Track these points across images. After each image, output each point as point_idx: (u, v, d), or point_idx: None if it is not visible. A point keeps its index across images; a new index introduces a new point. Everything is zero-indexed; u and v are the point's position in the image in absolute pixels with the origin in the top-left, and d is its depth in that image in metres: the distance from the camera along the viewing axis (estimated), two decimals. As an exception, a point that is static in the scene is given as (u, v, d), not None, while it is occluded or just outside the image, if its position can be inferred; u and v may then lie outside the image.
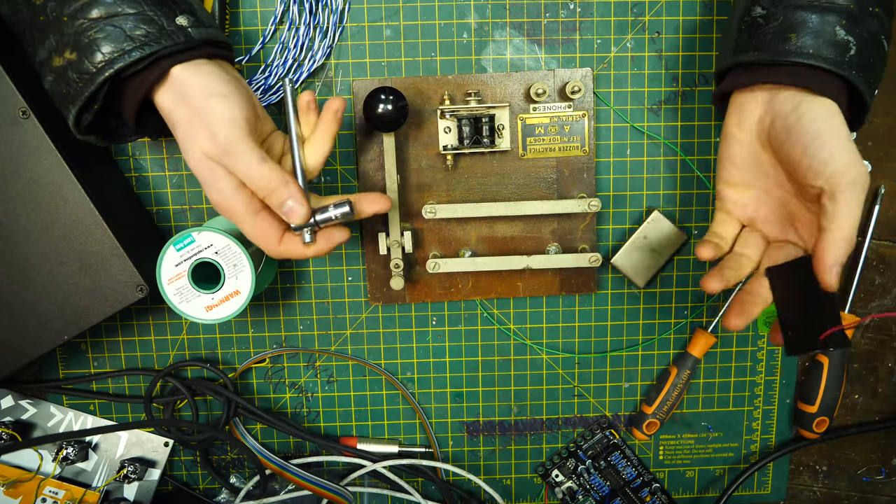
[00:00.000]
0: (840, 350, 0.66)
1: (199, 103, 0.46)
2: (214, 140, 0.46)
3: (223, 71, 0.49)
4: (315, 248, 0.51)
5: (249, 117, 0.48)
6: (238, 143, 0.46)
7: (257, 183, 0.47)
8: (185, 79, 0.47)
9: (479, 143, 0.60)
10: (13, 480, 0.65)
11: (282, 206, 0.48)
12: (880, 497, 0.72)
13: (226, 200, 0.48)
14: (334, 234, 0.51)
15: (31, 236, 0.55)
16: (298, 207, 0.48)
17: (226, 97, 0.47)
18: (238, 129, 0.46)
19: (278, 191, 0.47)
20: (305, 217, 0.48)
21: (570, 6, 0.61)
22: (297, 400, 0.68)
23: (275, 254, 0.50)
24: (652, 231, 0.64)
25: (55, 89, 0.47)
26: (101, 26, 0.45)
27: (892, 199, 0.66)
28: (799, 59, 0.48)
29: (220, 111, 0.46)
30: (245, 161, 0.46)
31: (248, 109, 0.48)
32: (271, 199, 0.48)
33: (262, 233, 0.49)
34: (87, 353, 0.66)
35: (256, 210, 0.48)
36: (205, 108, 0.46)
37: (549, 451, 0.70)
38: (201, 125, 0.46)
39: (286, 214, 0.48)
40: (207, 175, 0.47)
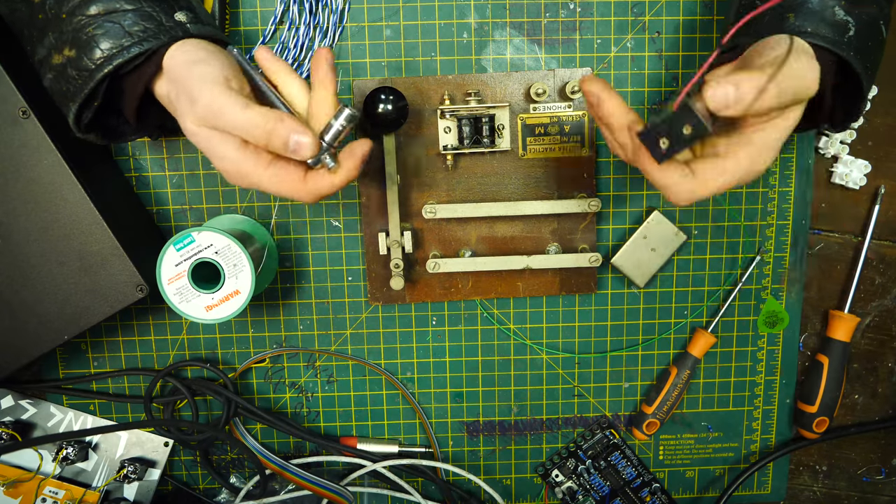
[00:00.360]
0: (840, 350, 0.66)
1: (180, 74, 0.45)
2: (197, 105, 0.44)
3: (206, 42, 0.47)
4: (343, 170, 0.47)
5: (228, 75, 0.45)
6: (218, 98, 0.43)
7: (251, 130, 0.44)
8: (172, 58, 0.46)
9: (479, 143, 0.60)
10: (13, 480, 0.65)
11: (286, 145, 0.44)
12: (880, 497, 0.72)
13: (233, 164, 0.45)
14: (355, 148, 0.47)
15: (31, 236, 0.55)
16: (304, 138, 0.44)
17: (203, 61, 0.45)
18: (216, 86, 0.44)
19: (276, 130, 0.44)
20: (314, 145, 0.44)
21: (570, 6, 0.61)
22: (297, 400, 0.68)
23: (307, 197, 0.47)
24: (652, 231, 0.64)
25: (55, 87, 0.47)
26: (100, 23, 0.45)
27: (892, 199, 0.66)
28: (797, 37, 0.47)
29: (198, 75, 0.44)
30: (230, 113, 0.43)
31: (227, 68, 0.46)
32: (273, 143, 0.44)
33: (283, 181, 0.46)
34: (87, 353, 0.66)
35: (267, 162, 0.45)
36: (185, 77, 0.45)
37: (549, 451, 0.70)
38: (184, 95, 0.45)
39: (294, 152, 0.44)
40: (206, 145, 0.45)
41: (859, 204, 0.66)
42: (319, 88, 0.48)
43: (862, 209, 0.66)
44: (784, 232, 0.66)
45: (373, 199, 0.63)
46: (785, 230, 0.66)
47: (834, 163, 0.65)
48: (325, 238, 0.65)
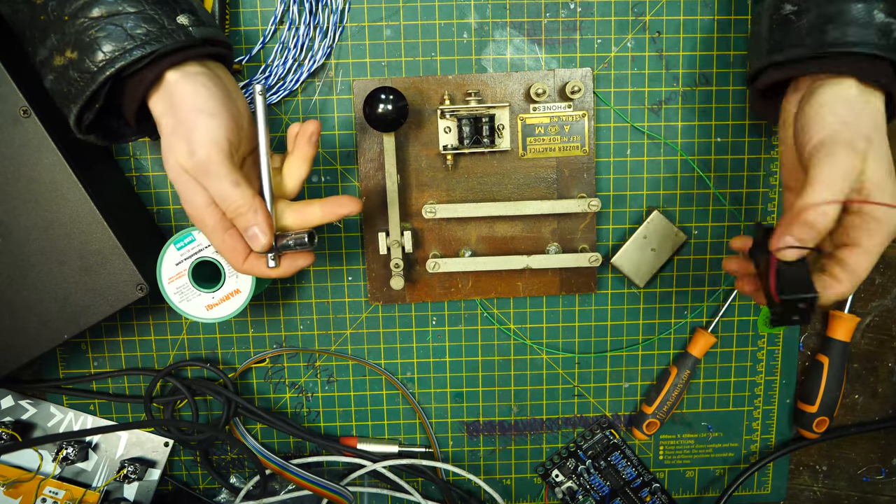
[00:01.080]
0: (840, 350, 0.66)
1: (185, 117, 0.47)
2: (193, 157, 0.46)
3: (217, 82, 0.48)
4: (279, 270, 0.52)
5: (232, 138, 0.48)
6: (215, 165, 0.47)
7: (227, 206, 0.48)
8: (178, 87, 0.47)
9: (479, 143, 0.60)
10: (13, 480, 0.65)
11: (246, 230, 0.49)
12: (880, 497, 0.72)
13: (197, 213, 0.48)
14: (298, 259, 0.52)
15: (32, 235, 0.55)
16: (261, 236, 0.49)
17: (213, 116, 0.47)
18: (217, 151, 0.47)
19: (246, 216, 0.48)
20: (266, 247, 0.50)
21: (570, 6, 0.62)
22: (297, 400, 0.68)
23: (240, 270, 0.52)
24: (652, 231, 0.64)
25: (56, 88, 0.47)
26: (103, 25, 0.45)
27: (892, 199, 0.66)
28: (841, 48, 0.46)
29: (204, 129, 0.46)
30: (218, 182, 0.47)
31: (233, 130, 0.48)
32: (238, 222, 0.49)
33: (230, 249, 0.50)
34: (87, 352, 0.66)
35: (226, 227, 0.49)
36: (190, 123, 0.46)
37: (549, 451, 0.70)
38: (183, 139, 0.46)
39: (249, 239, 0.49)
40: (182, 187, 0.48)
41: (859, 204, 0.66)
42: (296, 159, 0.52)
43: (862, 209, 0.66)
44: (784, 232, 0.66)
45: (373, 198, 0.63)
46: (785, 230, 0.66)
47: (834, 163, 0.65)
48: (325, 238, 0.65)
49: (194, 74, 0.48)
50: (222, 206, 0.48)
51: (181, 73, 0.47)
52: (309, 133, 0.52)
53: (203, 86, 0.47)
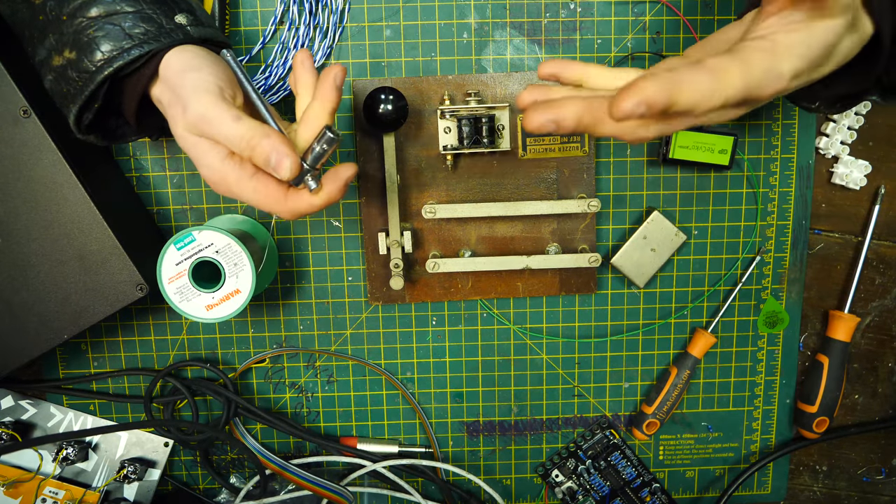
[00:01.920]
0: (840, 350, 0.66)
1: (174, 81, 0.45)
2: (188, 111, 0.44)
3: (203, 50, 0.47)
4: (324, 192, 0.47)
5: (222, 84, 0.45)
6: (210, 108, 0.44)
7: (236, 142, 0.44)
8: (168, 64, 0.46)
9: (479, 144, 0.60)
10: (13, 480, 0.65)
11: (268, 161, 0.44)
12: (880, 497, 0.72)
13: (217, 173, 0.45)
14: (340, 171, 0.47)
15: (32, 236, 0.55)
16: (285, 158, 0.43)
17: (197, 69, 0.45)
18: (209, 96, 0.44)
19: (260, 145, 0.43)
20: (294, 167, 0.44)
21: (570, 6, 0.62)
22: (297, 400, 0.68)
23: (286, 214, 0.47)
24: (652, 231, 0.64)
25: (55, 88, 0.47)
26: (101, 25, 0.45)
27: (892, 199, 0.66)
28: None
29: (191, 82, 0.45)
30: (220, 124, 0.44)
31: (221, 77, 0.46)
32: (256, 157, 0.44)
33: (265, 195, 0.46)
34: (87, 352, 0.66)
35: (250, 174, 0.45)
36: (179, 84, 0.45)
37: (549, 451, 0.70)
38: (178, 102, 0.45)
39: (274, 169, 0.44)
40: (194, 151, 0.45)
41: (859, 204, 0.66)
42: (318, 102, 0.47)
43: (862, 209, 0.66)
44: (784, 232, 0.66)
45: (373, 199, 0.63)
46: (785, 230, 0.66)
47: (834, 163, 0.65)
48: (325, 238, 0.65)
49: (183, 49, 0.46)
50: (232, 146, 0.44)
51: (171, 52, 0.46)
52: (332, 76, 0.46)
53: (190, 52, 0.46)
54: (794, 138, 0.64)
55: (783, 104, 0.63)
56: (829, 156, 0.65)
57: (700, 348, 0.66)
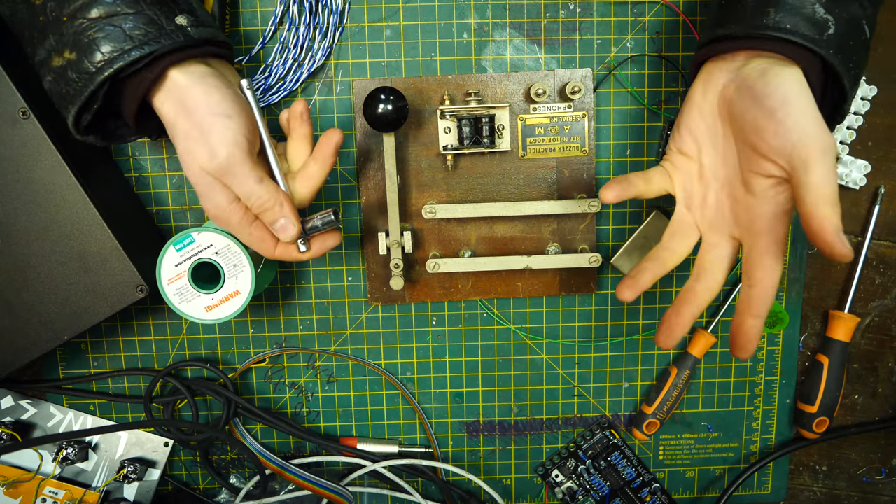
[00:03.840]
0: (840, 350, 0.66)
1: (202, 120, 0.47)
2: (215, 159, 0.47)
3: (225, 82, 0.49)
4: (311, 253, 0.54)
5: (250, 137, 0.49)
6: (238, 165, 0.48)
7: (254, 202, 0.49)
8: (190, 91, 0.47)
9: (479, 144, 0.60)
10: (13, 480, 0.65)
11: (274, 223, 0.51)
12: (880, 497, 0.72)
13: (222, 213, 0.50)
14: (327, 240, 0.54)
15: (31, 236, 0.55)
16: (290, 227, 0.51)
17: (230, 117, 0.47)
18: (239, 151, 0.47)
19: (273, 210, 0.50)
20: (296, 236, 0.51)
21: (570, 6, 0.61)
22: (297, 400, 0.68)
23: (272, 257, 0.53)
24: (652, 231, 0.64)
25: (55, 89, 0.47)
26: (101, 26, 0.45)
27: (892, 199, 0.66)
28: (775, 32, 0.46)
29: (224, 132, 0.47)
30: (243, 181, 0.48)
31: (249, 128, 0.49)
32: (264, 217, 0.51)
33: (258, 240, 0.52)
34: (87, 353, 0.66)
35: (251, 221, 0.51)
36: (207, 126, 0.47)
37: (549, 451, 0.70)
38: (202, 142, 0.47)
39: (277, 231, 0.51)
40: (204, 189, 0.49)
41: (859, 204, 0.66)
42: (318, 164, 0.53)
43: (862, 209, 0.66)
44: (784, 232, 0.66)
45: (373, 199, 0.63)
46: (785, 230, 0.66)
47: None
48: (325, 238, 0.65)
49: (202, 76, 0.48)
50: (248, 202, 0.49)
51: (187, 74, 0.47)
52: (298, 112, 0.53)
53: (215, 88, 0.48)
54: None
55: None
56: (829, 156, 0.64)
57: (700, 348, 0.66)
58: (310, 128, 0.54)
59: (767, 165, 0.46)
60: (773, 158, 0.45)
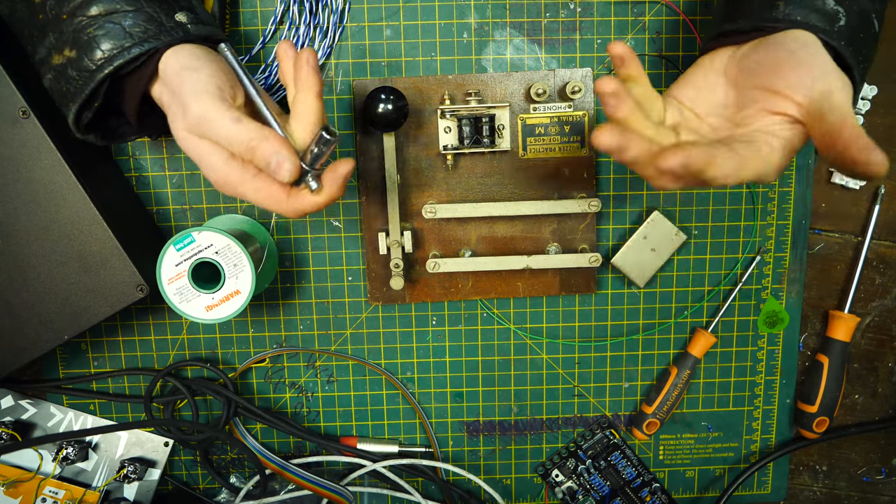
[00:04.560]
0: (840, 350, 0.66)
1: (173, 81, 0.45)
2: (189, 112, 0.44)
3: (203, 50, 0.47)
4: (325, 191, 0.47)
5: (221, 84, 0.46)
6: (209, 109, 0.44)
7: (236, 145, 0.44)
8: (166, 63, 0.46)
9: (479, 143, 0.60)
10: (13, 480, 0.65)
11: (268, 163, 0.44)
12: (880, 497, 0.72)
13: (220, 174, 0.45)
14: (338, 168, 0.47)
15: (31, 236, 0.55)
16: (284, 161, 0.44)
17: (196, 69, 0.45)
18: (208, 97, 0.44)
19: (260, 147, 0.44)
20: (294, 170, 0.45)
21: (570, 6, 0.61)
22: (297, 400, 0.68)
23: (290, 213, 0.47)
24: (652, 231, 0.64)
25: (55, 87, 0.47)
26: (101, 23, 0.45)
27: (892, 199, 0.66)
28: (786, 24, 0.46)
29: (190, 83, 0.45)
30: (220, 126, 0.44)
31: (220, 77, 0.46)
32: (256, 160, 0.45)
33: (267, 195, 0.46)
34: (87, 352, 0.66)
35: (253, 174, 0.45)
36: (178, 84, 0.45)
37: (549, 451, 0.70)
38: (178, 103, 0.45)
39: (275, 171, 0.45)
40: (196, 152, 0.46)
41: (859, 204, 0.66)
42: (302, 90, 0.47)
43: (862, 209, 0.66)
44: (784, 232, 0.66)
45: (373, 198, 0.63)
46: (785, 230, 0.66)
47: (834, 163, 0.65)
48: (326, 238, 0.65)
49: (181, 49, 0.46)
50: (233, 148, 0.45)
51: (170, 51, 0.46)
52: (305, 59, 0.47)
53: (187, 51, 0.46)
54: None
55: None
56: (829, 156, 0.65)
57: (700, 348, 0.66)
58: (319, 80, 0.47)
59: (783, 103, 0.44)
60: (791, 94, 0.44)
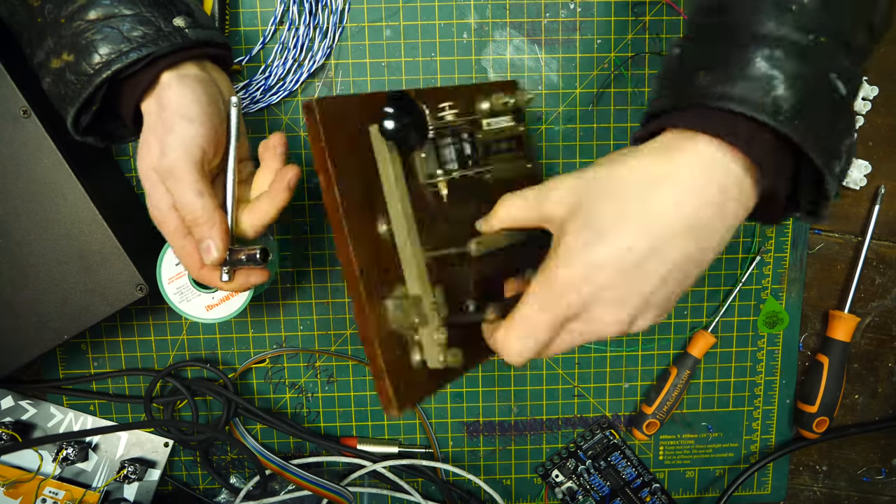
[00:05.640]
0: (840, 350, 0.66)
1: (165, 116, 0.46)
2: (163, 159, 0.46)
3: (206, 88, 0.48)
4: (231, 285, 0.51)
5: (206, 147, 0.47)
6: (182, 170, 0.46)
7: (187, 213, 0.47)
8: (168, 89, 0.46)
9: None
10: (13, 481, 0.65)
11: (201, 242, 0.48)
12: (880, 497, 0.72)
13: (160, 215, 0.48)
14: (251, 276, 0.51)
15: (32, 236, 0.55)
16: (214, 251, 0.48)
17: (191, 122, 0.46)
18: (187, 157, 0.46)
19: (202, 227, 0.47)
20: (217, 262, 0.48)
21: (570, 6, 0.62)
22: (297, 400, 0.68)
23: (195, 277, 0.51)
24: None
25: (53, 90, 0.47)
26: (99, 28, 0.45)
27: (892, 199, 0.66)
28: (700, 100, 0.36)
29: (178, 134, 0.46)
30: (182, 189, 0.46)
31: (208, 139, 0.47)
32: (195, 232, 0.48)
33: (187, 255, 0.49)
34: (87, 353, 0.66)
35: (185, 233, 0.49)
36: (168, 125, 0.46)
37: (549, 451, 0.70)
38: (157, 139, 0.46)
39: (203, 251, 0.48)
40: (148, 186, 0.47)
41: (859, 204, 0.66)
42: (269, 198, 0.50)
43: (862, 209, 0.66)
44: (784, 232, 0.66)
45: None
46: (785, 230, 0.66)
47: (834, 163, 0.65)
48: (325, 238, 0.65)
49: (185, 77, 0.47)
50: (182, 212, 0.47)
51: (175, 74, 0.47)
52: (271, 144, 0.50)
53: (191, 89, 0.47)
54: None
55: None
56: (829, 156, 0.65)
57: (700, 348, 0.66)
58: (281, 163, 0.50)
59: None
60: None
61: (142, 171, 0.47)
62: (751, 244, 0.66)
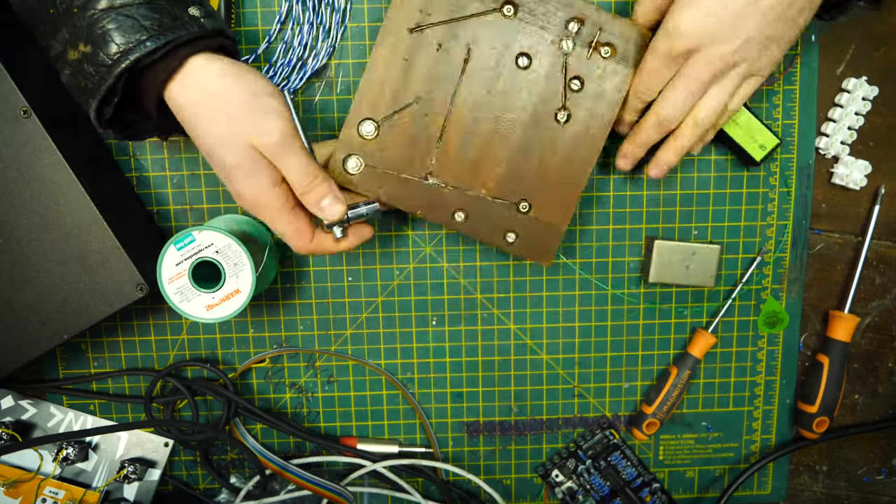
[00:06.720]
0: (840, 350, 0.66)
1: (248, 101, 0.47)
2: (269, 136, 0.47)
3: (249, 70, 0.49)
4: (346, 242, 0.52)
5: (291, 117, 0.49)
6: (290, 139, 0.47)
7: (301, 179, 0.48)
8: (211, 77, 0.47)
9: None
10: (13, 481, 0.65)
11: (319, 202, 0.49)
12: (880, 497, 0.72)
13: (262, 195, 0.48)
14: (363, 229, 0.53)
15: (32, 235, 0.55)
16: (337, 204, 0.49)
17: (273, 97, 0.48)
18: (290, 126, 0.48)
19: (319, 188, 0.48)
20: (342, 214, 0.49)
21: (570, 6, 0.61)
22: (297, 400, 0.68)
23: (305, 250, 0.51)
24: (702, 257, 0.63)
25: (73, 83, 0.46)
26: (113, 16, 0.44)
27: (892, 199, 0.66)
28: None
29: (274, 109, 0.47)
30: (295, 157, 0.48)
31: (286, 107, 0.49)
32: (310, 196, 0.49)
33: (295, 230, 0.50)
34: (87, 353, 0.66)
35: (291, 206, 0.49)
36: (255, 104, 0.47)
37: (549, 451, 0.70)
38: (248, 121, 0.47)
39: (322, 210, 0.49)
40: (247, 170, 0.48)
41: (859, 204, 0.66)
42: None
43: (862, 209, 0.66)
44: (784, 232, 0.66)
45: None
46: (785, 230, 0.66)
47: (834, 163, 0.65)
48: (326, 238, 0.65)
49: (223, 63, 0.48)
50: (294, 180, 0.48)
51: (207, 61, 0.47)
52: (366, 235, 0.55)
53: (247, 70, 0.48)
54: (794, 138, 0.64)
55: (783, 104, 0.63)
56: (829, 156, 0.65)
57: (700, 348, 0.66)
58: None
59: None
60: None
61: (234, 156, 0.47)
62: (751, 244, 0.66)
